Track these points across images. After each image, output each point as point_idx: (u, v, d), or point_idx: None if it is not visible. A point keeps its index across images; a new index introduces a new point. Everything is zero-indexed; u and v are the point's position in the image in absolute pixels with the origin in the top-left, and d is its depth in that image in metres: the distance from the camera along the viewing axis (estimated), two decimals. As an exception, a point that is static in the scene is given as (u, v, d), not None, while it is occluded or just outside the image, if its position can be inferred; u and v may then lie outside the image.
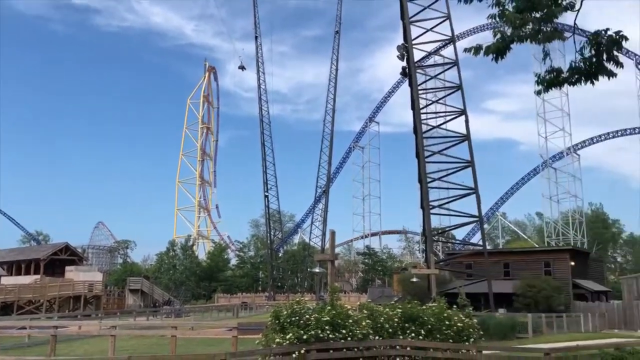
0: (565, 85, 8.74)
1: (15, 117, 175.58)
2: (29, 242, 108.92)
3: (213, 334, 23.28)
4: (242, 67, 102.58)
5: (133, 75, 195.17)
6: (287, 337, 12.74)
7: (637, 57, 68.43)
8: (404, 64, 46.62)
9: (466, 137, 44.22)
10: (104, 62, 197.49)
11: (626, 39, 7.73)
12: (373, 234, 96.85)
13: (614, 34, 7.70)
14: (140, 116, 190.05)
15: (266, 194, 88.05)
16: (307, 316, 13.37)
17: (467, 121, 44.35)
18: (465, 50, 8.80)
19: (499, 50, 7.78)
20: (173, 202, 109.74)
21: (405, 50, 45.43)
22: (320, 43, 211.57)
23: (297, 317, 13.30)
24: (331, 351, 12.90)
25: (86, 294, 60.85)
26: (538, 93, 9.26)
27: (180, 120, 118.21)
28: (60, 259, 68.48)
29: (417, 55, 47.38)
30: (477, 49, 8.12)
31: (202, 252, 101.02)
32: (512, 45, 8.16)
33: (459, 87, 45.75)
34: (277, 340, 12.94)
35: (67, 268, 67.15)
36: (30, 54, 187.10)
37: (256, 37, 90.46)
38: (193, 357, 13.73)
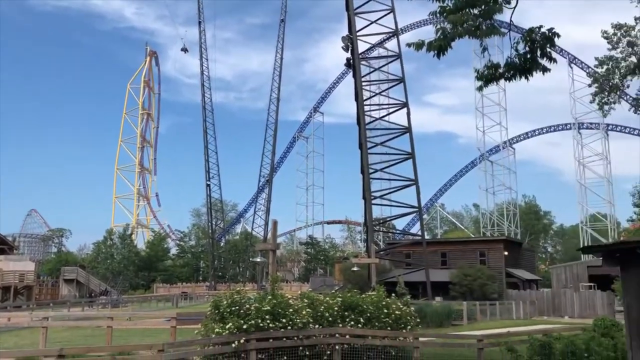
0: (503, 81, 9.03)
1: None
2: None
3: (151, 324, 22.85)
4: (184, 50, 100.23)
5: (70, 58, 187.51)
6: (227, 326, 12.66)
7: (570, 55, 71.52)
8: (349, 55, 46.96)
9: (407, 130, 45.07)
10: (39, 42, 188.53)
11: (558, 35, 8.05)
12: (316, 224, 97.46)
13: (547, 31, 8.01)
14: (78, 100, 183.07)
15: (208, 182, 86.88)
16: (248, 306, 13.32)
17: (408, 114, 45.20)
18: (408, 45, 8.94)
19: (440, 48, 7.95)
20: (111, 190, 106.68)
21: (350, 42, 45.73)
22: (266, 30, 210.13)
23: (237, 307, 13.23)
24: (271, 340, 12.91)
25: (17, 284, 58.32)
26: (479, 89, 9.53)
27: (119, 105, 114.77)
28: (-11, 248, 65.29)
29: (362, 47, 47.85)
30: (419, 45, 8.26)
31: (141, 241, 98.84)
32: (453, 42, 8.34)
33: (401, 80, 46.51)
34: (217, 330, 12.84)
35: (-4, 257, 64.11)
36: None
37: (200, 22, 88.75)
38: (130, 348, 13.43)
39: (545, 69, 8.23)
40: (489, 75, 8.84)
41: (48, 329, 17.08)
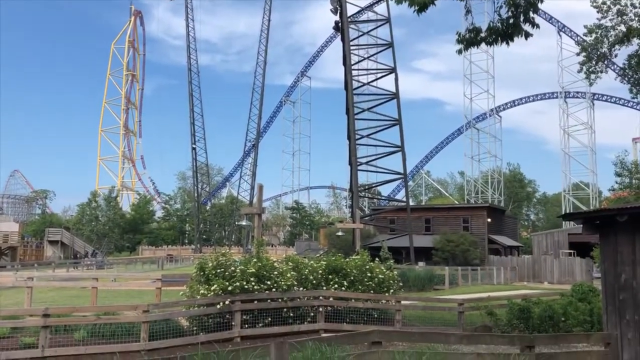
0: (491, 48, 8.96)
1: None
2: None
3: (136, 285, 22.93)
4: None
5: (52, 18, 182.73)
6: (212, 288, 12.80)
7: (559, 24, 71.19)
8: (337, 18, 46.29)
9: (395, 95, 44.91)
10: (19, 3, 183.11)
11: (541, 1, 7.97)
12: (301, 189, 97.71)
13: (531, -5, 7.90)
14: (60, 60, 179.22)
15: (194, 146, 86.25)
16: (233, 268, 13.46)
17: (396, 79, 44.97)
18: None
19: (424, 5, 7.74)
20: (95, 152, 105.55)
21: (339, 4, 45.04)
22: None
23: (223, 269, 13.36)
24: (256, 302, 13.09)
25: (0, 245, 58.12)
26: (459, 52, 9.42)
27: (103, 66, 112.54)
28: (-29, 209, 64.77)
29: (351, 10, 47.16)
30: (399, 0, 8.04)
31: (126, 204, 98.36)
32: (439, 3, 8.15)
33: (390, 45, 46.08)
34: (202, 291, 12.97)
35: (-21, 218, 63.66)
36: None
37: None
38: (115, 308, 13.53)
39: (527, 35, 8.16)
40: (469, 39, 8.73)
41: (33, 289, 17.09)
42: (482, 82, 72.64)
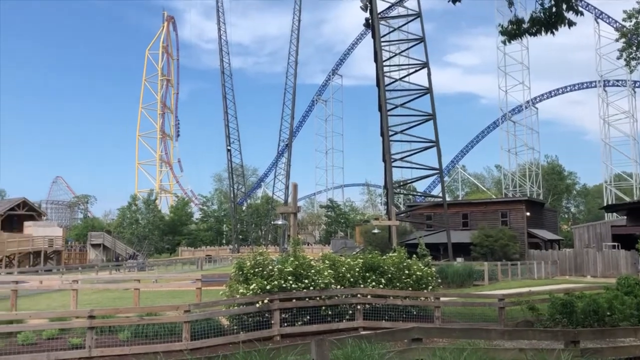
0: (526, 39, 8.80)
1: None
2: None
3: (177, 286, 23.39)
4: None
5: (88, 25, 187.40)
6: (251, 287, 12.92)
7: (597, 10, 69.24)
8: (368, 15, 46.10)
9: (428, 90, 44.46)
10: (56, 10, 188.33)
11: (582, -13, 7.79)
12: (336, 188, 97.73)
13: (572, -18, 7.74)
14: (97, 67, 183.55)
15: (228, 147, 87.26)
16: (271, 267, 13.57)
17: (429, 74, 44.50)
18: None
19: None
20: (134, 156, 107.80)
21: (369, 1, 44.82)
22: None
23: (261, 268, 13.48)
24: (294, 300, 13.17)
25: (46, 249, 59.93)
26: (504, 43, 9.31)
27: (139, 72, 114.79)
28: (18, 215, 66.86)
29: (381, 6, 46.91)
30: None
31: (164, 206, 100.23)
32: None
33: (421, 40, 45.62)
34: (241, 290, 13.11)
35: (26, 224, 65.67)
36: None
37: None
38: (157, 309, 13.81)
39: (571, 23, 7.99)
40: (512, 31, 8.62)
41: (78, 291, 17.61)
42: (516, 73, 71.27)
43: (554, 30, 8.11)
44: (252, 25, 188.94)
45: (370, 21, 45.78)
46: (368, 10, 45.50)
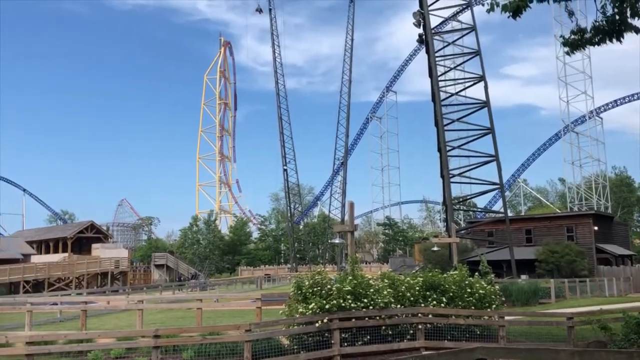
0: (587, 47, 8.47)
1: (40, 103, 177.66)
2: (55, 221, 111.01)
3: (237, 305, 23.68)
4: (259, 10, 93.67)
5: (149, 54, 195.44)
6: (310, 307, 12.92)
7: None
8: (421, 31, 45.85)
9: (486, 104, 43.61)
10: (121, 41, 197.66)
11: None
12: (393, 205, 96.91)
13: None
14: (159, 94, 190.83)
15: (285, 167, 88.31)
16: (329, 286, 13.53)
17: (486, 87, 43.68)
18: (482, 4, 8.47)
19: (518, 8, 7.44)
20: (194, 178, 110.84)
21: (422, 17, 44.61)
22: (335, 13, 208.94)
23: (319, 287, 13.46)
24: (353, 320, 13.06)
25: (113, 270, 62.17)
26: (567, 54, 9.00)
27: (198, 96, 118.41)
28: (87, 237, 69.89)
29: (434, 21, 46.57)
30: (492, 6, 7.79)
31: (224, 226, 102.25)
32: (531, 5, 7.83)
33: (477, 53, 44.93)
34: (300, 310, 13.13)
35: (94, 246, 68.56)
36: (48, 34, 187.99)
37: (270, 10, 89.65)
38: (219, 328, 14.01)
39: (637, 30, 7.64)
40: (574, 41, 8.31)
41: (143, 311, 18.12)
42: (578, 83, 68.82)
43: (620, 38, 7.77)
44: (305, 46, 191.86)
45: (423, 37, 45.52)
46: (421, 26, 45.29)
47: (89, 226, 71.22)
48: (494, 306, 14.85)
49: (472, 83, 45.51)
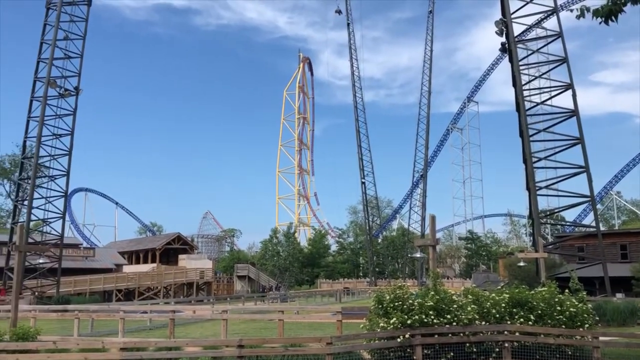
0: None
1: (131, 124, 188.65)
2: (145, 233, 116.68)
3: (318, 318, 23.83)
4: (338, 11, 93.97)
5: (230, 72, 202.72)
6: (391, 321, 12.78)
7: None
8: (503, 39, 44.63)
9: (574, 113, 41.65)
10: (204, 60, 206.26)
11: None
12: (475, 218, 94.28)
13: None
14: (241, 110, 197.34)
15: (363, 180, 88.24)
16: (411, 301, 13.33)
17: (574, 95, 41.75)
18: (570, 10, 8.09)
19: (610, 13, 7.03)
20: (274, 192, 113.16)
21: (504, 25, 43.44)
22: (413, 25, 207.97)
23: (400, 302, 13.29)
24: (436, 336, 12.79)
25: (198, 280, 64.37)
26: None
27: (277, 112, 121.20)
28: (174, 248, 72.95)
29: (517, 29, 45.11)
30: (582, 12, 7.39)
31: (303, 239, 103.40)
32: (625, 8, 7.38)
33: (564, 60, 43.07)
34: (382, 324, 13.01)
35: (180, 256, 71.42)
36: (135, 56, 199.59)
37: (348, 24, 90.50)
38: (301, 340, 14.15)
39: None
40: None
41: (227, 321, 18.63)
42: (678, 88, 64.33)
43: None
44: (384, 58, 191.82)
45: (506, 45, 44.24)
46: (504, 35, 44.07)
47: (175, 238, 74.34)
48: (586, 326, 14.05)
49: (559, 91, 43.63)
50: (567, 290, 15.52)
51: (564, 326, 13.70)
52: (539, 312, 13.87)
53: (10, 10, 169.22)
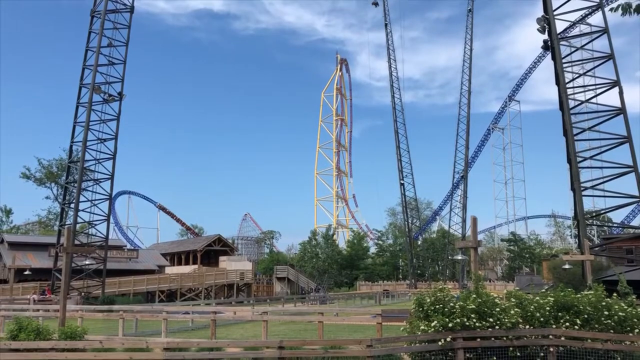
0: None
1: (174, 127, 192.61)
2: (186, 234, 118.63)
3: (357, 320, 23.75)
4: (375, 4, 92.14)
5: (269, 75, 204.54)
6: (432, 324, 12.64)
7: None
8: (545, 36, 43.61)
9: (621, 111, 40.35)
10: (243, 64, 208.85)
11: None
12: (518, 220, 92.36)
13: None
14: (278, 113, 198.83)
15: (402, 182, 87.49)
16: (452, 304, 13.14)
17: (621, 93, 40.43)
18: (612, 10, 7.85)
19: None
20: (312, 193, 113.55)
21: (546, 22, 42.45)
22: (452, 24, 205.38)
23: (441, 305, 13.12)
24: (479, 339, 12.57)
25: (238, 282, 65.06)
26: None
27: (316, 114, 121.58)
28: (214, 250, 73.97)
29: (560, 26, 43.98)
30: (625, 8, 7.16)
31: (341, 241, 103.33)
32: None
33: (610, 57, 41.78)
34: (422, 327, 12.87)
35: (221, 258, 72.37)
36: (182, 62, 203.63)
37: (386, 25, 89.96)
38: (340, 342, 14.14)
39: None
40: None
41: (268, 322, 18.77)
42: None
43: None
44: (422, 59, 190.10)
45: (549, 43, 43.22)
46: (546, 32, 43.07)
47: (216, 239, 75.35)
48: (636, 331, 13.57)
49: (604, 89, 42.34)
50: (615, 294, 15.04)
51: (612, 331, 13.28)
52: (585, 316, 13.47)
53: (56, 23, 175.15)
